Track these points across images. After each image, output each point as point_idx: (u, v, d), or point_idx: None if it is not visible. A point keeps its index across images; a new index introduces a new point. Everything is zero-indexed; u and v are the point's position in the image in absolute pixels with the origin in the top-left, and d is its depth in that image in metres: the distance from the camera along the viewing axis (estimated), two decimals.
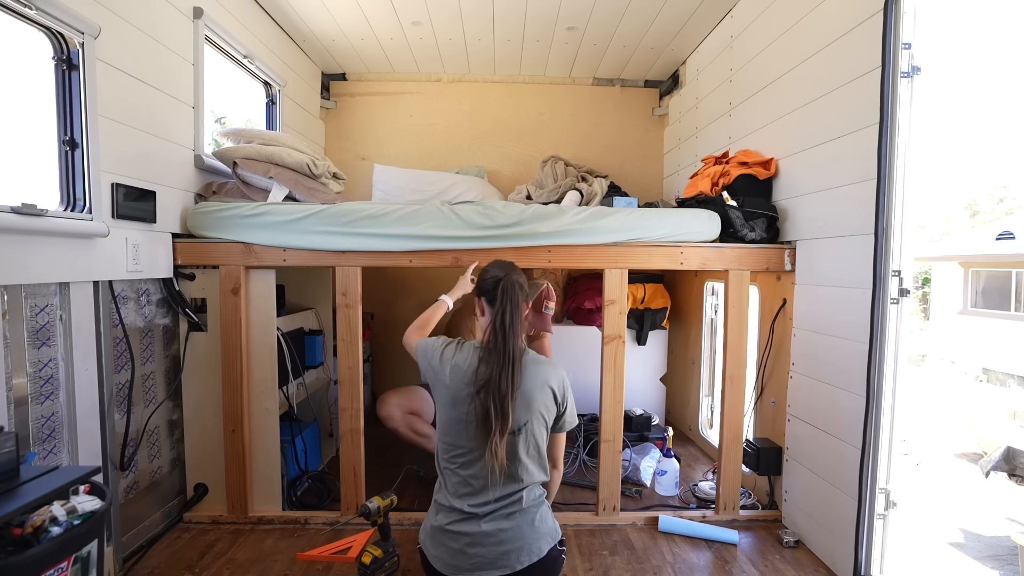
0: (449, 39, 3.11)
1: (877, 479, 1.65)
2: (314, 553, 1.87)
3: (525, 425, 1.42)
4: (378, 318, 3.73)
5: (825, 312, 1.92)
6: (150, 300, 1.97)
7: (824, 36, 1.88)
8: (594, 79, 3.71)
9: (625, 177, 3.70)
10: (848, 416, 1.76)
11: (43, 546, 1.04)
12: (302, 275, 2.71)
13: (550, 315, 2.15)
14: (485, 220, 2.02)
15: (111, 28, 1.67)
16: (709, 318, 3.00)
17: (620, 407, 2.14)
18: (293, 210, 2.01)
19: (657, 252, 2.10)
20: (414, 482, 2.48)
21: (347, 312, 2.07)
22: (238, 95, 2.93)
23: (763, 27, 2.32)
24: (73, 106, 1.57)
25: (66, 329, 1.58)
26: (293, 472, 2.32)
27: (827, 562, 1.87)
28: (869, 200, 1.64)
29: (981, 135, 29.26)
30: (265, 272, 2.10)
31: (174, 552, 1.90)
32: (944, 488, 4.70)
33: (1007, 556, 3.46)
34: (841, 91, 1.80)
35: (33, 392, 1.49)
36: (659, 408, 3.31)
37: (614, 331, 2.10)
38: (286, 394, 2.27)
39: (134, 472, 1.90)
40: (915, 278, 1.58)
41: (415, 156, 3.70)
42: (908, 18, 1.56)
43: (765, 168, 2.23)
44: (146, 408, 1.96)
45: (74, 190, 1.59)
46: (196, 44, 2.13)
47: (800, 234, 2.07)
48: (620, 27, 2.92)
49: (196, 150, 2.15)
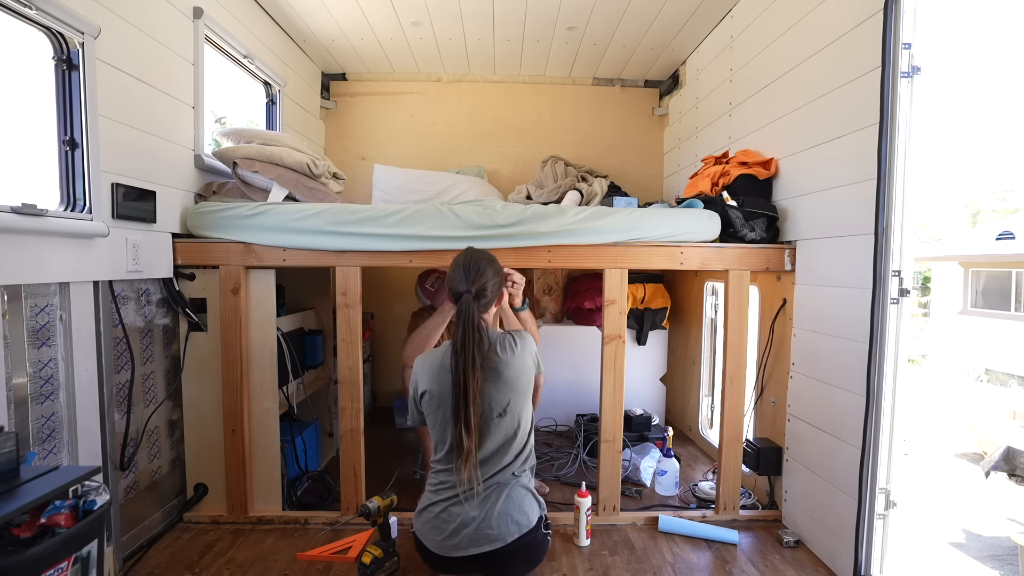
0: (449, 39, 3.11)
1: (877, 479, 1.65)
2: (314, 553, 1.87)
3: (508, 404, 1.57)
4: (378, 318, 3.73)
5: (825, 312, 1.92)
6: (150, 300, 1.97)
7: (824, 36, 1.88)
8: (594, 79, 3.71)
9: (625, 177, 3.70)
10: (848, 416, 1.76)
11: (43, 546, 1.04)
12: (302, 275, 2.71)
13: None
14: (485, 220, 2.02)
15: (111, 28, 1.67)
16: (709, 318, 3.00)
17: (620, 407, 2.14)
18: (293, 210, 2.01)
19: (657, 252, 2.10)
20: (413, 482, 2.48)
21: (347, 312, 2.07)
22: (238, 95, 2.93)
23: (763, 27, 2.32)
24: (73, 106, 1.57)
25: (66, 329, 1.58)
26: (293, 472, 2.32)
27: (827, 562, 1.87)
28: (869, 200, 1.64)
29: (981, 135, 29.26)
30: (265, 272, 2.10)
31: (174, 552, 1.90)
32: (944, 488, 4.70)
33: (1007, 556, 3.46)
34: (841, 91, 1.80)
35: (33, 392, 1.49)
36: (659, 408, 3.31)
37: (614, 331, 2.10)
38: (286, 394, 2.27)
39: (134, 472, 1.90)
40: (915, 278, 1.59)
41: (415, 156, 3.70)
42: (908, 18, 1.56)
43: (765, 168, 2.23)
44: (146, 408, 1.96)
45: (74, 190, 1.59)
46: (196, 44, 2.13)
47: (800, 234, 2.07)
48: (620, 27, 2.92)
49: (196, 150, 2.15)
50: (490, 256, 1.74)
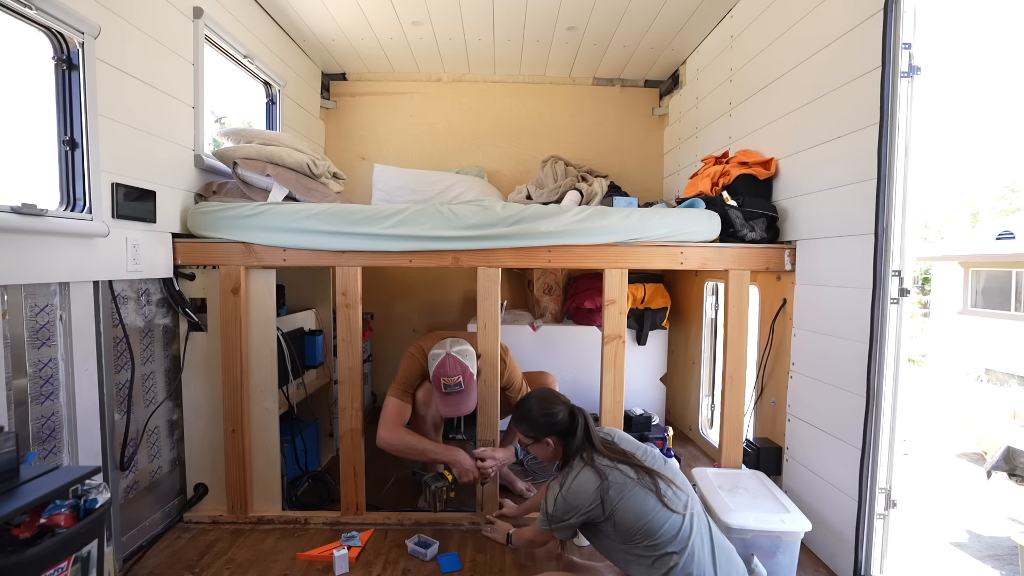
0: (449, 39, 3.11)
1: (877, 479, 1.65)
2: (314, 553, 1.87)
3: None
4: (378, 318, 3.73)
5: (825, 312, 1.92)
6: (150, 300, 1.97)
7: (824, 36, 1.88)
8: (594, 79, 3.71)
9: (625, 177, 3.70)
10: (848, 416, 1.76)
11: (43, 546, 1.04)
12: (302, 275, 2.71)
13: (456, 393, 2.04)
14: (485, 220, 2.02)
15: (111, 28, 1.67)
16: (709, 318, 3.00)
17: (620, 407, 2.14)
18: (293, 210, 2.01)
19: (657, 252, 2.10)
20: (412, 482, 2.48)
21: (347, 312, 2.07)
22: (238, 95, 2.93)
23: (763, 27, 2.32)
24: (73, 106, 1.57)
25: (66, 329, 1.58)
26: (293, 472, 2.32)
27: (827, 562, 1.87)
28: (869, 200, 1.64)
29: (982, 135, 29.26)
30: (265, 272, 2.10)
31: (174, 552, 1.90)
32: (945, 488, 4.70)
33: (1007, 556, 3.46)
34: (841, 91, 1.80)
35: (33, 392, 1.49)
36: (659, 408, 3.31)
37: (614, 331, 2.10)
38: (286, 394, 2.27)
39: (134, 472, 1.90)
40: (915, 278, 1.58)
41: (415, 156, 3.70)
42: (908, 18, 1.56)
43: (765, 168, 2.23)
44: (146, 408, 1.96)
45: (74, 190, 1.59)
46: (196, 44, 2.13)
47: (800, 234, 2.07)
48: (620, 27, 2.92)
49: (196, 150, 2.14)
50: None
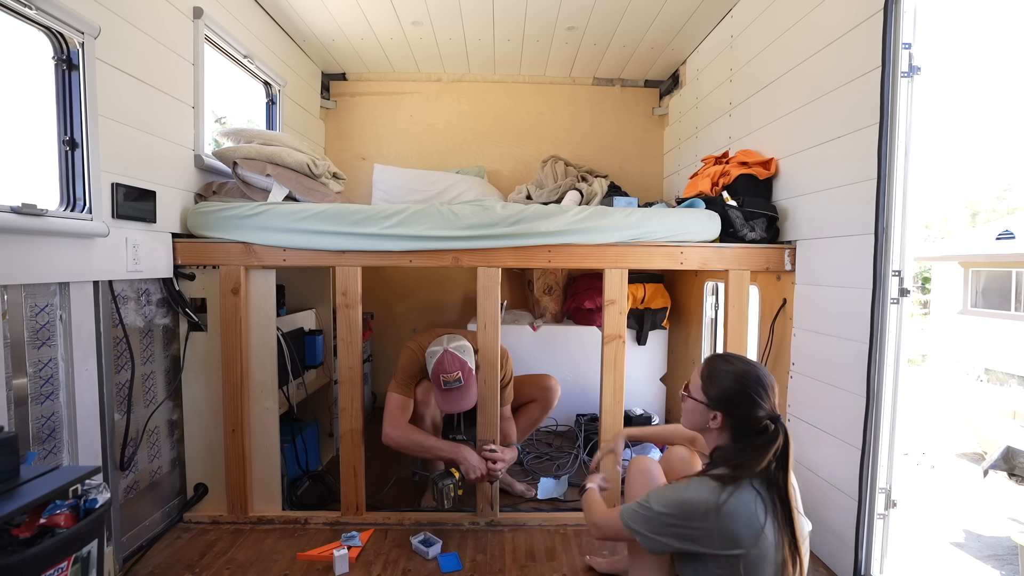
0: (449, 39, 3.11)
1: (877, 479, 1.65)
2: (314, 553, 1.86)
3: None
4: (378, 318, 3.73)
5: (825, 312, 1.92)
6: (150, 300, 1.97)
7: (824, 36, 1.88)
8: (594, 79, 3.71)
9: (625, 177, 3.70)
10: (848, 416, 1.76)
11: (43, 546, 1.04)
12: (302, 275, 2.71)
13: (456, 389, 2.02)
14: (485, 220, 2.02)
15: (111, 28, 1.67)
16: (709, 318, 3.00)
17: (620, 407, 2.14)
18: (293, 210, 2.01)
19: (657, 252, 2.10)
20: (412, 482, 2.48)
21: (347, 312, 2.07)
22: (238, 95, 2.93)
23: (763, 27, 2.32)
24: (73, 106, 1.57)
25: (66, 329, 1.58)
26: (293, 472, 2.32)
27: (827, 562, 1.87)
28: (869, 200, 1.64)
29: (981, 135, 29.28)
30: (265, 272, 2.10)
31: (174, 552, 1.90)
32: (944, 488, 4.70)
33: (1008, 556, 3.46)
34: (841, 91, 1.80)
35: (33, 392, 1.49)
36: (659, 408, 3.31)
37: (614, 331, 2.10)
38: (286, 394, 2.27)
39: (134, 472, 1.89)
40: (915, 278, 1.58)
41: (415, 156, 3.70)
42: (908, 18, 1.56)
43: (765, 168, 2.23)
44: (146, 408, 1.96)
45: (74, 190, 1.59)
46: (196, 44, 2.13)
47: (800, 234, 2.07)
48: (620, 27, 2.92)
49: (196, 150, 2.14)
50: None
